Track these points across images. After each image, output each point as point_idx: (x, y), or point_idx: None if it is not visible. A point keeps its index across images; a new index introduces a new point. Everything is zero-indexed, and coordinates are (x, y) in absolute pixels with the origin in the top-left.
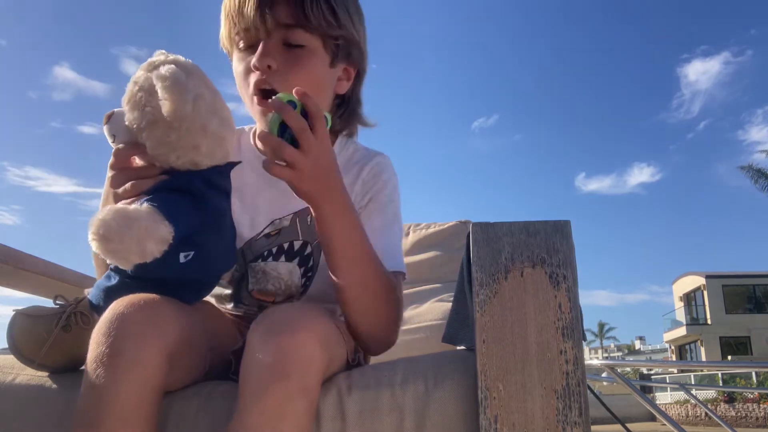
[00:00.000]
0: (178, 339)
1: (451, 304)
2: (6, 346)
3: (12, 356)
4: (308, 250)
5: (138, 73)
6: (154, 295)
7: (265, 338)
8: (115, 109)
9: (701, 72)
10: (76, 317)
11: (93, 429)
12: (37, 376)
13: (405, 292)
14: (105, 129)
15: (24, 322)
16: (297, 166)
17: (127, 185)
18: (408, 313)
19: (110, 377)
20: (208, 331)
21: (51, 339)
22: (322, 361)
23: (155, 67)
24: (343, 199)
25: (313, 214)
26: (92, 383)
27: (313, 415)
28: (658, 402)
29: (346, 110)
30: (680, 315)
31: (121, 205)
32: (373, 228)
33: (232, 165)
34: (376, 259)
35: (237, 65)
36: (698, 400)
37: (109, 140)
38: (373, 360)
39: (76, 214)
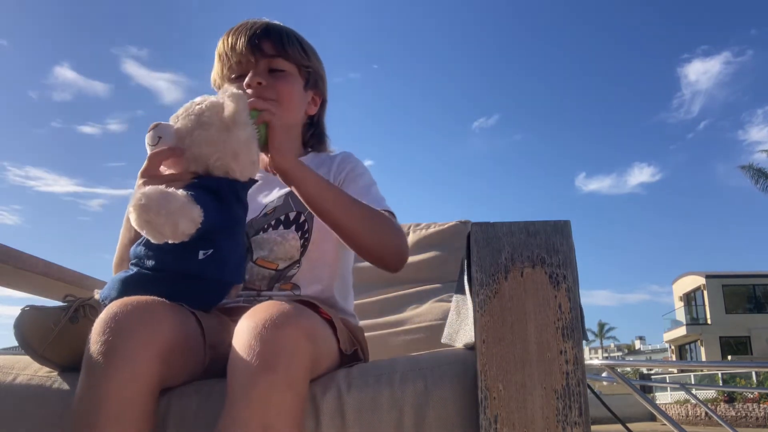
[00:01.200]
0: (172, 338)
1: (451, 304)
2: (6, 346)
3: (12, 356)
4: (302, 218)
5: (196, 99)
6: (149, 296)
7: (251, 332)
8: (161, 122)
9: (701, 72)
10: (84, 310)
11: (89, 427)
12: (38, 376)
13: (405, 292)
14: (149, 134)
15: (33, 313)
16: (273, 111)
17: None
18: (408, 313)
19: (104, 375)
20: (206, 329)
21: (58, 328)
22: (309, 355)
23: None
24: (309, 170)
25: (291, 178)
26: (87, 381)
27: (302, 409)
28: (658, 402)
29: (315, 131)
30: (680, 315)
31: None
32: (354, 191)
33: (253, 182)
34: (358, 201)
35: None
36: (698, 400)
37: (150, 144)
38: (373, 358)
39: (76, 214)
